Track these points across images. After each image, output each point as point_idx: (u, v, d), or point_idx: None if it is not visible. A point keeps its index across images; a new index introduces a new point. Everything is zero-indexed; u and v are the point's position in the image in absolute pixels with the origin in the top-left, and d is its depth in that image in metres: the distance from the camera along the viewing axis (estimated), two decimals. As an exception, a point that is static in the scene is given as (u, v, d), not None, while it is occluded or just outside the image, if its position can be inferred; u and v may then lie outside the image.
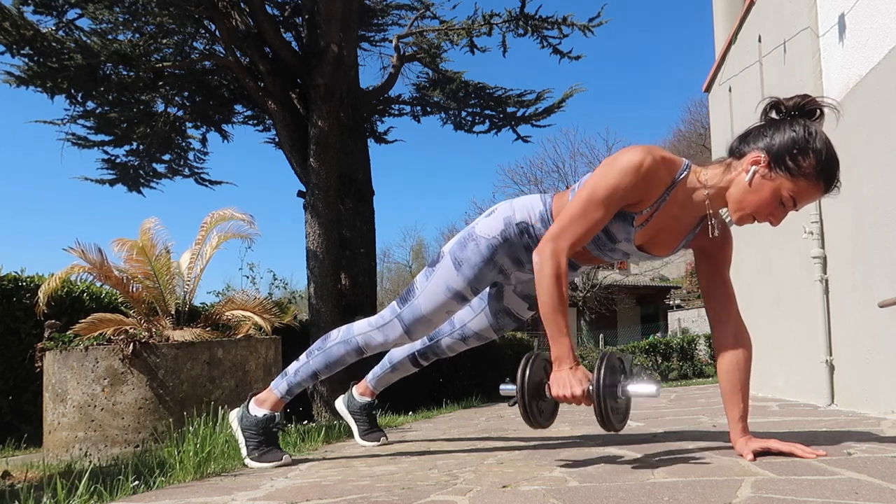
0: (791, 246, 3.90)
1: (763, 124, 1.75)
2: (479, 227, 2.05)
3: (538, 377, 1.75)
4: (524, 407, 1.71)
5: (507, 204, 2.08)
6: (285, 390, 2.24)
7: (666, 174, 1.76)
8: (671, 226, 1.86)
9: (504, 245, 2.01)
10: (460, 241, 2.07)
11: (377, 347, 2.20)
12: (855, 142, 3.08)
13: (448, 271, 2.05)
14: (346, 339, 2.20)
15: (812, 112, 1.72)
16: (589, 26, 8.07)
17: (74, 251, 3.58)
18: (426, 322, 2.11)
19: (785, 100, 1.74)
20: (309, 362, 2.23)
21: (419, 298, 2.08)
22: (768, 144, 1.69)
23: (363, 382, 2.64)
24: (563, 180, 29.41)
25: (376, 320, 2.17)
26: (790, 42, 3.92)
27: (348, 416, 2.67)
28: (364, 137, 7.99)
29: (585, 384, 1.67)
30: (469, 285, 2.05)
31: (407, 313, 2.10)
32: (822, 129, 1.71)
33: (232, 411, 2.34)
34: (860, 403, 3.12)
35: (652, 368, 14.15)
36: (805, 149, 1.65)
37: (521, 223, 2.00)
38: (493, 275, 2.06)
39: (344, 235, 7.32)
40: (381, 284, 35.57)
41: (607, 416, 1.63)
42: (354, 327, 2.22)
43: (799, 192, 1.68)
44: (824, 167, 1.66)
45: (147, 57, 7.01)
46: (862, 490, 1.30)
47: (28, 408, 4.81)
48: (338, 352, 2.20)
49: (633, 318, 29.10)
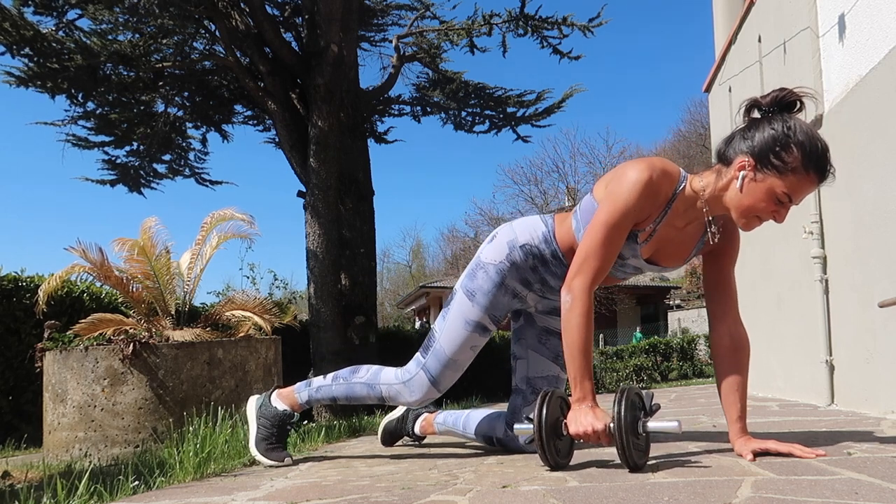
0: (791, 246, 3.90)
1: (744, 126, 1.74)
2: (485, 254, 2.04)
3: (555, 415, 1.72)
4: (542, 446, 1.68)
5: (507, 227, 2.07)
6: (305, 399, 2.24)
7: (668, 188, 1.76)
8: (676, 237, 1.86)
9: (512, 268, 2.00)
10: (469, 274, 2.05)
11: (402, 403, 2.14)
12: (855, 142, 3.08)
13: (463, 305, 2.02)
14: (371, 384, 2.14)
15: (791, 104, 1.71)
16: (589, 26, 8.06)
17: (75, 251, 3.58)
18: (453, 365, 2.03)
19: (762, 97, 1.73)
20: (332, 387, 2.20)
21: (441, 341, 2.03)
22: (751, 147, 1.68)
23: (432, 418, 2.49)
24: (562, 180, 29.49)
25: (402, 374, 2.10)
26: (790, 42, 3.92)
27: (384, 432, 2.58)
28: (364, 137, 7.99)
29: (606, 421, 1.65)
30: (486, 314, 2.02)
31: (431, 361, 2.04)
32: (803, 121, 1.69)
33: (252, 397, 2.32)
34: (860, 403, 3.12)
35: (652, 369, 14.13)
36: (787, 144, 1.64)
37: (525, 245, 1.99)
38: (507, 300, 2.04)
39: (344, 235, 7.31)
40: (381, 284, 35.53)
41: (630, 453, 1.60)
42: (382, 375, 2.14)
43: (792, 188, 1.66)
44: (810, 158, 1.65)
45: (147, 57, 7.01)
46: (862, 490, 1.30)
47: (28, 408, 4.82)
48: (360, 391, 2.16)
49: (633, 318, 29.09)
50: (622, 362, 13.99)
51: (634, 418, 1.63)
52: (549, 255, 1.99)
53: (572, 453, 1.81)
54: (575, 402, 1.72)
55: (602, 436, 1.65)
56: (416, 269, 41.45)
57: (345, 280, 7.27)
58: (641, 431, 1.65)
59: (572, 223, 1.95)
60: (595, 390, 1.74)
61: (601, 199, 1.80)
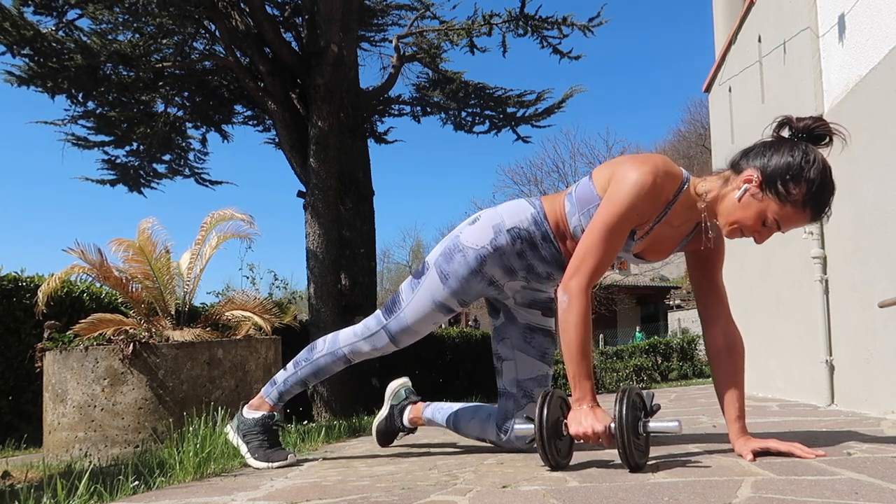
0: (791, 246, 3.90)
1: (767, 142, 1.73)
2: (465, 236, 1.99)
3: (555, 416, 1.72)
4: (543, 446, 1.68)
5: (491, 211, 2.02)
6: (276, 398, 2.23)
7: (670, 189, 1.76)
8: (668, 234, 1.87)
9: (494, 255, 1.96)
10: (445, 253, 2.01)
11: (364, 356, 2.18)
12: (855, 142, 3.07)
13: (434, 284, 2.01)
14: (333, 351, 2.16)
15: (821, 137, 1.70)
16: (589, 26, 8.07)
17: (74, 252, 3.58)
18: (412, 333, 2.08)
19: (797, 119, 1.72)
20: (297, 373, 2.20)
21: (405, 311, 2.05)
22: (764, 165, 1.68)
23: (420, 408, 2.47)
24: (562, 180, 29.44)
25: (362, 330, 2.13)
26: (790, 42, 3.92)
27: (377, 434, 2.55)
28: (364, 137, 7.99)
29: (607, 422, 1.65)
30: (456, 297, 2.01)
31: (393, 324, 2.07)
32: (823, 157, 1.68)
33: (227, 426, 2.31)
34: (860, 403, 3.12)
35: (652, 369, 14.14)
36: (798, 176, 1.64)
37: (513, 228, 1.95)
38: (481, 287, 2.01)
39: (344, 235, 7.32)
40: (381, 284, 35.54)
41: (631, 453, 1.60)
42: (340, 338, 2.18)
43: (784, 217, 1.68)
44: (813, 197, 1.65)
45: (147, 57, 7.02)
46: (862, 490, 1.30)
47: (28, 408, 4.82)
48: (325, 363, 2.18)
49: (633, 318, 29.11)
50: (622, 362, 14.00)
51: (635, 418, 1.63)
52: (539, 238, 1.94)
53: (572, 453, 1.82)
54: (575, 403, 1.71)
55: (603, 437, 1.65)
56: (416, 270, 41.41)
57: (345, 280, 7.27)
58: (642, 431, 1.65)
59: (565, 205, 1.91)
60: (595, 390, 1.74)
61: (603, 196, 1.80)
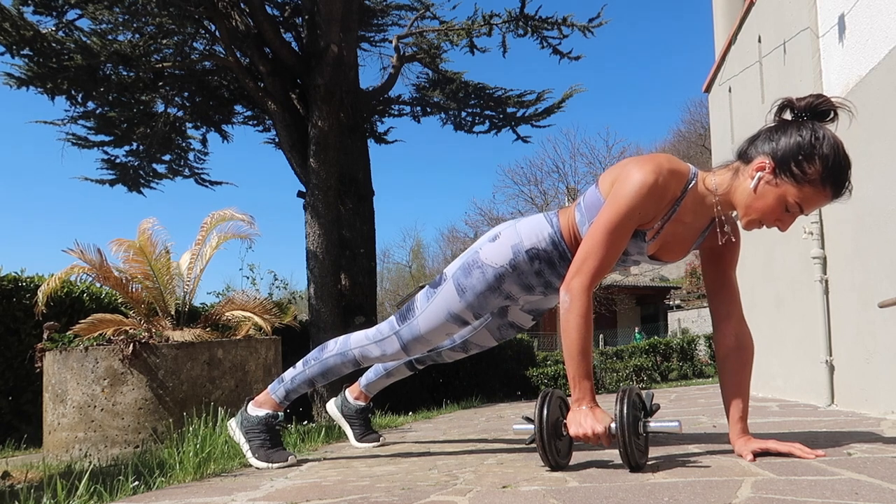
0: (791, 246, 3.90)
1: (772, 127, 1.71)
2: (485, 253, 1.99)
3: (555, 416, 1.72)
4: (543, 446, 1.68)
5: (511, 229, 2.00)
6: (283, 395, 2.24)
7: (676, 187, 1.74)
8: (682, 233, 1.85)
9: (513, 274, 1.96)
10: (464, 267, 2.01)
11: (374, 360, 2.19)
12: (855, 142, 3.08)
13: (450, 296, 2.01)
14: (343, 352, 2.18)
15: (825, 113, 1.67)
16: (589, 27, 8.07)
17: (73, 252, 3.58)
18: (424, 342, 2.09)
19: (797, 100, 1.69)
20: (305, 371, 2.22)
21: (419, 319, 2.06)
22: (773, 149, 1.65)
23: (356, 386, 2.63)
24: (562, 180, 29.44)
25: (374, 334, 2.15)
26: (790, 42, 3.92)
27: (342, 420, 2.65)
28: (364, 137, 7.99)
29: (607, 422, 1.64)
30: (471, 311, 2.02)
31: (405, 332, 2.08)
32: (832, 133, 1.65)
33: (230, 420, 2.32)
34: (860, 403, 3.12)
35: (652, 369, 14.13)
36: (811, 154, 1.61)
37: (531, 250, 1.94)
38: (498, 301, 2.03)
39: (344, 236, 7.31)
40: (381, 285, 35.53)
41: (631, 453, 1.60)
42: (352, 340, 2.19)
43: (805, 199, 1.65)
44: (831, 173, 1.62)
45: (147, 57, 7.01)
46: (862, 490, 1.30)
47: (28, 408, 4.81)
48: (334, 363, 2.20)
49: (632, 318, 29.11)
50: (622, 362, 13.99)
51: (636, 418, 1.63)
52: (556, 258, 1.95)
53: (571, 453, 1.82)
54: (574, 403, 1.71)
55: (603, 438, 1.65)
56: (416, 270, 41.45)
57: (345, 280, 7.27)
58: (642, 431, 1.65)
59: (576, 216, 1.91)
60: (595, 390, 1.74)
61: (606, 197, 1.79)
